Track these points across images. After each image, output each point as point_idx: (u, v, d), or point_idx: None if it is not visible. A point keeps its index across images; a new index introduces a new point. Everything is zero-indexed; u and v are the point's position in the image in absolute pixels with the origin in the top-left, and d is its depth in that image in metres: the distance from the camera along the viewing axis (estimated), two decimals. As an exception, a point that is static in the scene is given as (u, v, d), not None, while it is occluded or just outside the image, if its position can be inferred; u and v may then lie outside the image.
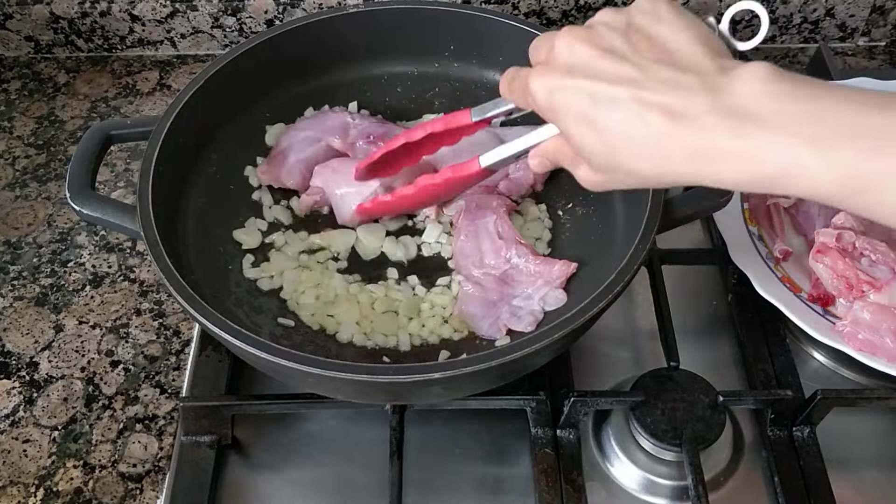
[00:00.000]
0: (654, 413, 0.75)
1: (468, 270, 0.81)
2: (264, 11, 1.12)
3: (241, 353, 0.67)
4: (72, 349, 0.86)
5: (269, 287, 0.80)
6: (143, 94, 1.12)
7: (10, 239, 0.95)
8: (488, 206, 0.83)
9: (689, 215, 0.74)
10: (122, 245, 0.95)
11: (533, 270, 0.79)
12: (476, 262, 0.81)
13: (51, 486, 0.77)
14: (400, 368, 0.66)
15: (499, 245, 0.81)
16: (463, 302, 0.79)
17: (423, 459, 0.77)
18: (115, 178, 1.01)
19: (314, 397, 0.75)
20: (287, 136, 0.89)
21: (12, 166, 1.03)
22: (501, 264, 0.80)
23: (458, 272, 0.81)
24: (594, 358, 0.84)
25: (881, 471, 0.78)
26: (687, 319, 0.87)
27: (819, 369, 0.84)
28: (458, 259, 0.82)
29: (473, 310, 0.78)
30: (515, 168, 0.86)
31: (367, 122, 0.89)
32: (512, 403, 0.77)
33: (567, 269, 0.78)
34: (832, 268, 0.81)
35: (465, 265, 0.81)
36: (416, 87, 0.95)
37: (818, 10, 1.14)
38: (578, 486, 0.74)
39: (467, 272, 0.81)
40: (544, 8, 1.13)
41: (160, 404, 0.82)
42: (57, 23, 1.12)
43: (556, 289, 0.77)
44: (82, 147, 0.77)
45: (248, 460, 0.78)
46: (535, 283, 0.78)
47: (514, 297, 0.78)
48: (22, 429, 0.81)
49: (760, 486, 0.76)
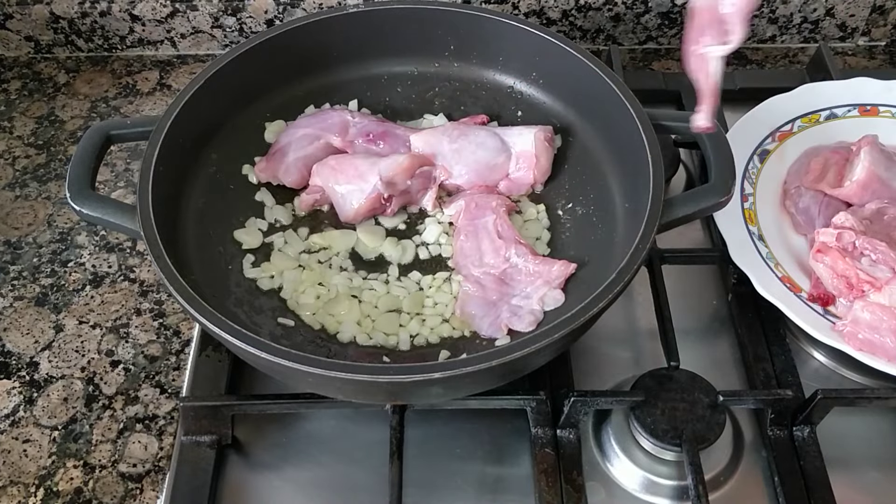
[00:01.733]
0: (654, 413, 0.75)
1: (468, 270, 0.81)
2: (264, 11, 1.12)
3: (241, 353, 0.67)
4: (72, 349, 0.86)
5: (269, 287, 0.80)
6: (143, 94, 1.12)
7: (10, 239, 0.95)
8: (488, 206, 0.83)
9: (689, 215, 0.74)
10: (122, 245, 0.95)
11: (532, 270, 0.79)
12: (476, 261, 0.81)
13: (51, 486, 0.77)
14: (400, 368, 0.66)
15: (498, 244, 0.81)
16: (463, 302, 0.79)
17: (423, 459, 0.77)
18: (115, 178, 1.01)
19: (314, 397, 0.75)
20: (286, 134, 0.89)
21: (12, 166, 1.03)
22: (501, 263, 0.80)
23: (458, 272, 0.81)
24: (594, 358, 0.84)
25: (881, 471, 0.78)
26: (687, 319, 0.87)
27: (819, 369, 0.84)
28: (458, 259, 0.82)
29: (473, 310, 0.78)
30: (515, 168, 0.86)
31: (366, 121, 0.89)
32: (512, 403, 0.77)
33: (566, 269, 0.78)
34: (832, 267, 0.81)
35: (465, 265, 0.81)
36: (416, 86, 0.95)
37: (818, 9, 1.14)
38: (578, 486, 0.74)
39: (467, 272, 0.81)
40: (544, 8, 1.13)
41: (160, 404, 0.82)
42: (57, 23, 1.12)
43: (554, 289, 0.77)
44: (82, 147, 0.77)
45: (248, 460, 0.78)
46: (534, 283, 0.78)
47: (514, 296, 0.78)
48: (22, 429, 0.81)
49: (760, 486, 0.76)
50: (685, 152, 1.01)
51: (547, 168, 0.87)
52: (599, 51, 1.16)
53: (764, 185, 0.92)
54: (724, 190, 0.74)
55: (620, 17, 1.14)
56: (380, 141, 0.88)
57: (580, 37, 1.16)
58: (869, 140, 0.90)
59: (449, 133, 0.87)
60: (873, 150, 0.89)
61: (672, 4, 1.12)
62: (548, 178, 0.88)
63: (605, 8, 1.13)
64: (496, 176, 0.86)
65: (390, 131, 0.89)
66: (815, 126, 0.97)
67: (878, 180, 0.88)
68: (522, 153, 0.86)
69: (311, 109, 0.92)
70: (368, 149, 0.88)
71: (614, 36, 1.17)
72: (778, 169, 0.94)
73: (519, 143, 0.86)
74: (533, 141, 0.85)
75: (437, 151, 0.86)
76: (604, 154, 0.86)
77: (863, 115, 0.98)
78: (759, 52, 1.18)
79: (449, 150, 0.86)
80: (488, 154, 0.86)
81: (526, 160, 0.85)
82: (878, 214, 0.86)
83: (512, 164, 0.86)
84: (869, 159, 0.88)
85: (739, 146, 0.90)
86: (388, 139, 0.88)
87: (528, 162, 0.85)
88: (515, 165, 0.86)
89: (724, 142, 0.77)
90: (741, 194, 0.90)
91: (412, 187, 0.85)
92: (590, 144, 0.88)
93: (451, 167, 0.86)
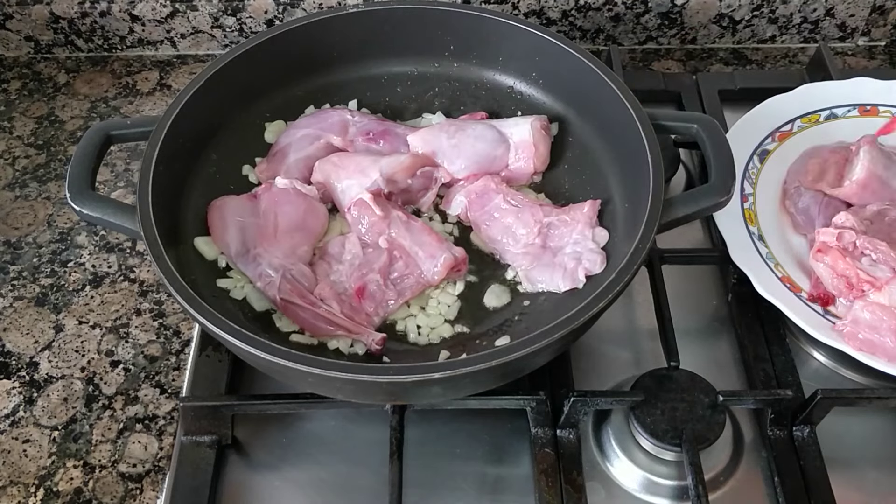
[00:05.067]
0: (654, 413, 0.75)
1: (509, 253, 0.82)
2: (264, 11, 1.12)
3: (241, 353, 0.67)
4: (72, 349, 0.86)
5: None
6: (143, 94, 1.12)
7: (10, 239, 0.95)
8: (488, 190, 0.84)
9: (689, 215, 0.74)
10: (122, 245, 0.95)
11: (568, 219, 0.81)
12: (511, 241, 0.82)
13: (51, 486, 0.77)
14: (400, 368, 0.66)
15: (521, 215, 0.82)
16: (527, 279, 0.80)
17: (423, 459, 0.77)
18: (115, 178, 1.01)
19: (314, 397, 0.75)
20: (287, 134, 0.89)
21: (12, 166, 1.03)
22: (534, 229, 0.81)
23: (502, 259, 0.83)
24: (594, 358, 0.84)
25: (881, 471, 0.78)
26: (687, 319, 0.87)
27: (819, 369, 0.84)
28: (494, 247, 0.83)
29: (539, 276, 0.79)
30: (515, 158, 0.86)
31: (366, 120, 0.89)
32: (512, 403, 0.77)
33: (595, 205, 0.81)
34: (832, 267, 0.81)
35: (504, 249, 0.82)
36: (415, 87, 0.95)
37: (818, 10, 1.14)
38: (578, 486, 0.74)
39: (510, 255, 0.82)
40: (544, 8, 1.13)
41: (160, 404, 0.82)
42: (57, 23, 1.12)
43: (597, 227, 0.80)
44: (82, 147, 0.77)
45: (248, 460, 0.78)
46: (576, 228, 0.80)
47: (566, 247, 0.79)
48: (22, 429, 0.81)
49: (760, 486, 0.76)
50: (685, 152, 1.01)
51: (546, 156, 0.87)
52: (599, 51, 1.16)
53: (764, 185, 0.92)
54: (723, 190, 0.74)
55: (620, 17, 1.14)
56: (380, 140, 0.88)
57: (580, 37, 1.16)
58: (868, 140, 0.90)
59: (446, 129, 0.87)
60: (872, 150, 0.89)
61: (672, 4, 1.12)
62: (548, 179, 0.88)
63: (605, 8, 1.13)
64: (497, 167, 0.86)
65: (391, 130, 0.89)
66: (814, 126, 0.97)
67: (877, 180, 0.88)
68: (521, 143, 0.86)
69: (311, 109, 0.92)
70: (369, 147, 0.88)
71: (614, 36, 1.17)
72: (778, 169, 0.94)
73: (516, 134, 0.86)
74: (530, 130, 0.85)
75: (436, 149, 0.86)
76: (603, 154, 0.86)
77: (862, 116, 0.98)
78: (759, 52, 1.18)
79: (448, 146, 0.86)
80: (487, 146, 0.86)
81: (525, 150, 0.86)
82: (880, 216, 0.86)
83: (511, 154, 0.86)
84: (868, 158, 0.88)
85: (739, 146, 0.90)
86: (389, 138, 0.88)
87: (526, 151, 0.86)
88: (515, 156, 0.86)
89: (723, 142, 0.77)
90: (741, 194, 0.90)
91: (413, 187, 0.85)
92: (589, 145, 0.88)
93: (451, 163, 0.86)
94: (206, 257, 0.80)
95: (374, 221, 0.80)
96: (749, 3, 1.13)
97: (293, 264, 0.78)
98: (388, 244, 0.79)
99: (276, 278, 0.76)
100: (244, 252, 0.79)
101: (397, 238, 0.79)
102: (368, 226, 0.80)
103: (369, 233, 0.80)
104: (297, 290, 0.75)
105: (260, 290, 0.77)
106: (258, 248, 0.79)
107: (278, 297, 0.75)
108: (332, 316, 0.75)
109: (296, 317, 0.76)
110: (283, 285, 0.75)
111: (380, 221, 0.80)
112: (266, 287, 0.76)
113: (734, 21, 1.15)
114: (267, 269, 0.77)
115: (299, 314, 0.75)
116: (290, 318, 0.76)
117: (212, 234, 0.80)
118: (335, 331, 0.75)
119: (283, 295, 0.75)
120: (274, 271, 0.76)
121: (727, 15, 1.14)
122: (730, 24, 1.15)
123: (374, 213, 0.80)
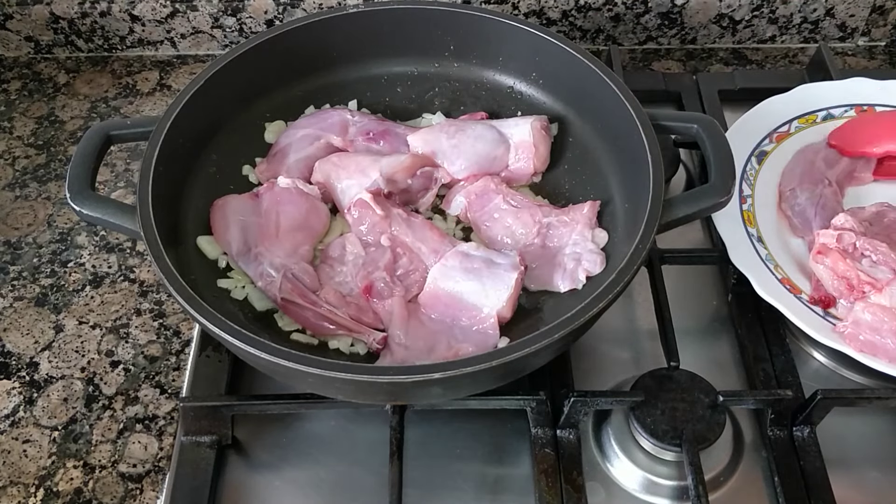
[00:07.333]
0: (654, 413, 0.75)
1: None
2: (264, 11, 1.12)
3: (241, 353, 0.67)
4: (72, 349, 0.86)
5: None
6: (143, 94, 1.12)
7: (10, 239, 0.95)
8: (488, 190, 0.84)
9: (688, 215, 0.74)
10: (122, 245, 0.95)
11: (567, 220, 0.81)
12: (510, 240, 0.82)
13: (51, 486, 0.77)
14: (400, 368, 0.66)
15: (520, 214, 0.82)
16: (528, 278, 0.79)
17: (423, 459, 0.77)
18: (115, 178, 1.01)
19: (314, 397, 0.75)
20: (287, 135, 0.89)
21: (12, 166, 1.03)
22: (533, 230, 0.81)
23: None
24: (594, 358, 0.84)
25: (881, 471, 0.78)
26: (687, 319, 0.87)
27: (819, 369, 0.84)
28: (494, 247, 0.82)
29: (541, 274, 0.79)
30: (515, 158, 0.86)
31: (366, 120, 0.89)
32: (512, 403, 0.77)
33: (594, 206, 0.81)
34: (833, 269, 0.81)
35: (504, 249, 0.82)
36: (415, 87, 0.95)
37: (818, 10, 1.14)
38: (578, 486, 0.74)
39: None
40: (544, 8, 1.13)
41: (160, 404, 0.82)
42: (57, 23, 1.12)
43: (596, 228, 0.80)
44: (82, 147, 0.77)
45: (248, 460, 0.78)
46: (575, 229, 0.80)
47: (565, 247, 0.79)
48: (22, 429, 0.81)
49: (760, 486, 0.76)
50: (685, 152, 1.01)
51: (546, 157, 0.87)
52: (599, 51, 1.16)
53: (762, 186, 0.92)
54: (723, 190, 0.74)
55: (620, 17, 1.14)
56: (380, 140, 0.88)
57: (580, 37, 1.16)
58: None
59: (446, 130, 0.87)
60: None
61: (672, 4, 1.12)
62: (548, 179, 0.88)
63: (605, 8, 1.13)
64: (497, 168, 0.86)
65: (391, 130, 0.89)
66: (812, 127, 0.97)
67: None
68: (521, 143, 0.86)
69: (311, 110, 0.92)
70: (369, 147, 0.88)
71: (614, 36, 1.17)
72: (776, 170, 0.94)
73: (516, 134, 0.86)
74: (530, 130, 0.85)
75: (436, 149, 0.86)
76: (603, 154, 0.86)
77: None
78: (759, 52, 1.18)
79: (448, 147, 0.86)
80: (487, 146, 0.86)
81: (525, 150, 0.86)
82: (878, 217, 0.86)
83: (511, 155, 0.86)
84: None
85: (737, 148, 0.89)
86: (389, 138, 0.88)
87: (526, 152, 0.86)
88: (515, 156, 0.86)
89: (724, 142, 0.77)
90: (739, 196, 0.90)
91: (413, 187, 0.85)
92: (589, 145, 0.88)
93: (451, 163, 0.86)
94: (209, 256, 0.80)
95: (376, 221, 0.80)
96: (749, 4, 1.13)
97: (295, 263, 0.78)
98: (390, 242, 0.79)
99: (276, 278, 0.76)
100: (245, 251, 0.79)
101: (399, 235, 0.79)
102: (370, 225, 0.80)
103: (371, 232, 0.80)
104: (298, 290, 0.75)
105: (261, 290, 0.77)
106: (259, 247, 0.79)
107: (279, 296, 0.75)
108: (332, 315, 0.75)
109: (297, 316, 0.76)
110: (284, 285, 0.75)
111: (381, 220, 0.80)
112: (267, 287, 0.76)
113: (734, 21, 1.15)
114: (268, 268, 0.77)
115: (300, 314, 0.75)
116: (290, 317, 0.76)
117: (214, 232, 0.80)
118: (336, 330, 0.75)
119: (283, 294, 0.75)
120: (275, 271, 0.76)
121: (727, 15, 1.14)
122: (730, 25, 1.15)
123: (374, 212, 0.80)
